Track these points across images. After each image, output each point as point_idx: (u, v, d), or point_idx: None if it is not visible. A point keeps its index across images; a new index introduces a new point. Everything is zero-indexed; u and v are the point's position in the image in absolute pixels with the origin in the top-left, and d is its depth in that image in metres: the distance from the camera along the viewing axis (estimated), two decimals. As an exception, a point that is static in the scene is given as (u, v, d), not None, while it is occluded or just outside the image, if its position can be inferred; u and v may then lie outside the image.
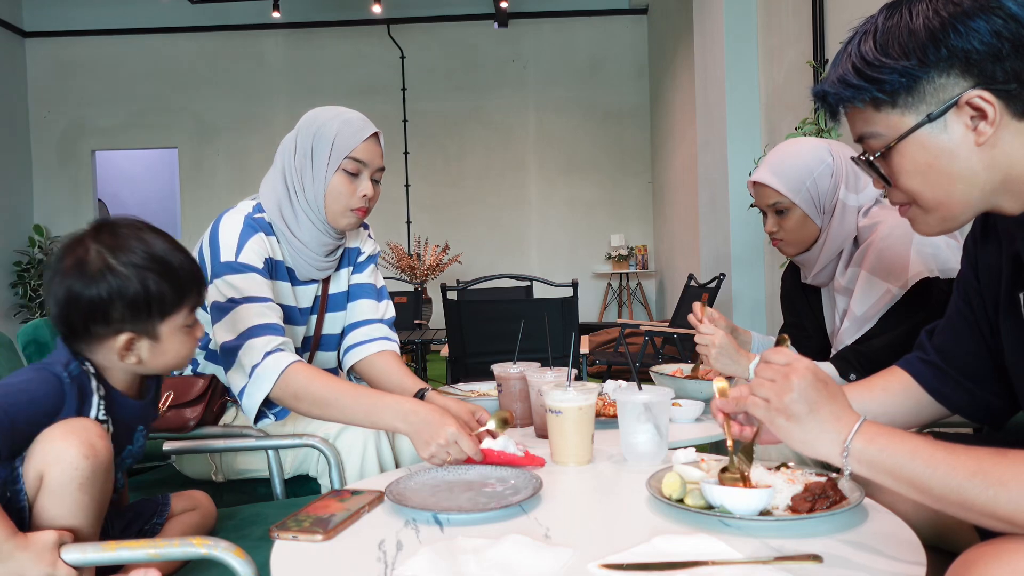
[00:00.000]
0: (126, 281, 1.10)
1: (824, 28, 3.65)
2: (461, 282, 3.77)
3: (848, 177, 1.77)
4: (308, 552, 1.02)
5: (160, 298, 1.13)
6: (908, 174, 0.98)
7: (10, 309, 7.88)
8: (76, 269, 1.10)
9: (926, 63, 0.92)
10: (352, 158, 1.63)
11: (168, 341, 1.16)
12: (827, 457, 0.94)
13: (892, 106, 0.95)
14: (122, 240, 1.12)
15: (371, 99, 8.07)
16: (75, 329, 1.12)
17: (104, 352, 1.13)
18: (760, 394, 0.99)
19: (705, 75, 5.13)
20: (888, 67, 0.93)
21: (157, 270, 1.13)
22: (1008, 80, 0.90)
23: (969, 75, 0.91)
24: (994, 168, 0.94)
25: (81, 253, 1.11)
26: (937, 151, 0.95)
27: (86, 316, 1.10)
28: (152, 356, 1.16)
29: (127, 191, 9.94)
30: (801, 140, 1.85)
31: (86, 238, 1.12)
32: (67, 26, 8.23)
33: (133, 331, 1.13)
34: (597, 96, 8.40)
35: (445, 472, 1.29)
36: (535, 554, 0.94)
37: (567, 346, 1.66)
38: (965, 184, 0.95)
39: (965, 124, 0.93)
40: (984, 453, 0.84)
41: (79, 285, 1.09)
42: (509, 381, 1.69)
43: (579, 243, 8.46)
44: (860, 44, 0.96)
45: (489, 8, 8.20)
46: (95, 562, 0.99)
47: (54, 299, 1.11)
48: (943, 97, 0.93)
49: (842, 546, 0.96)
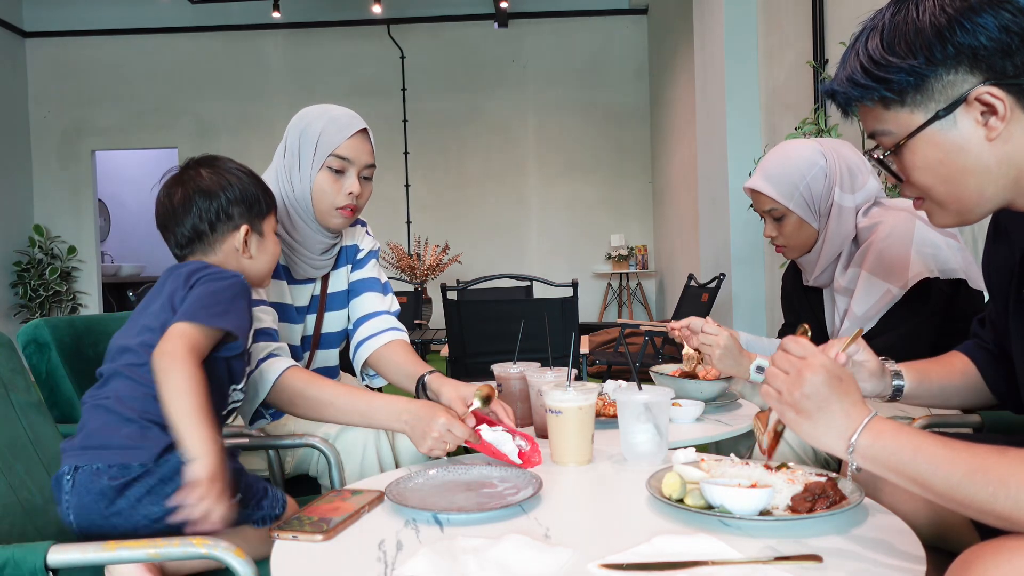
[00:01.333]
0: (238, 184, 1.39)
1: (824, 28, 3.65)
2: (461, 282, 3.77)
3: (843, 178, 1.77)
4: (308, 552, 1.02)
5: (260, 198, 1.41)
6: (920, 170, 0.98)
7: (10, 309, 7.88)
8: (198, 189, 1.36)
9: (933, 61, 0.91)
10: (336, 155, 1.63)
11: (268, 239, 1.43)
12: (833, 451, 0.95)
13: (901, 104, 0.95)
14: (220, 162, 1.41)
15: (371, 99, 8.07)
16: (203, 235, 1.36)
17: (225, 251, 1.38)
18: (774, 385, 1.00)
19: (705, 75, 5.13)
20: (895, 66, 0.93)
21: (252, 179, 1.42)
22: (1019, 74, 0.89)
23: (978, 71, 0.91)
24: (1007, 163, 0.93)
25: (195, 178, 1.37)
26: (948, 147, 0.94)
27: (215, 218, 1.36)
28: (259, 252, 1.42)
29: (127, 191, 9.94)
30: (794, 143, 1.85)
31: (189, 169, 1.39)
32: (67, 26, 8.23)
33: (248, 224, 1.39)
34: (597, 96, 8.40)
35: (445, 472, 1.29)
36: (535, 554, 0.94)
37: (567, 346, 1.66)
38: (978, 179, 0.95)
39: (975, 120, 0.92)
40: (985, 451, 0.84)
41: (203, 198, 1.36)
42: (509, 381, 1.69)
43: (579, 243, 8.46)
44: (867, 42, 0.96)
45: (489, 8, 8.20)
46: (95, 562, 0.99)
47: (184, 217, 1.35)
48: (952, 94, 0.92)
49: (842, 546, 0.96)
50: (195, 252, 1.38)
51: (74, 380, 1.85)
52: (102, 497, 1.14)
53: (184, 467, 1.09)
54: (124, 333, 1.30)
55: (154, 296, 1.31)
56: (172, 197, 1.37)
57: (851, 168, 1.78)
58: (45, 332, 1.82)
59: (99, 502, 1.14)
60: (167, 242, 1.40)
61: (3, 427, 1.35)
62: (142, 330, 1.26)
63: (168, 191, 1.38)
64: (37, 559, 0.96)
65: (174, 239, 1.38)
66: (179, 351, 1.16)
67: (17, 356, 1.47)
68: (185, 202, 1.36)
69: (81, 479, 1.15)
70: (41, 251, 8.03)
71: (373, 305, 1.81)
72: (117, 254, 9.76)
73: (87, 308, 8.19)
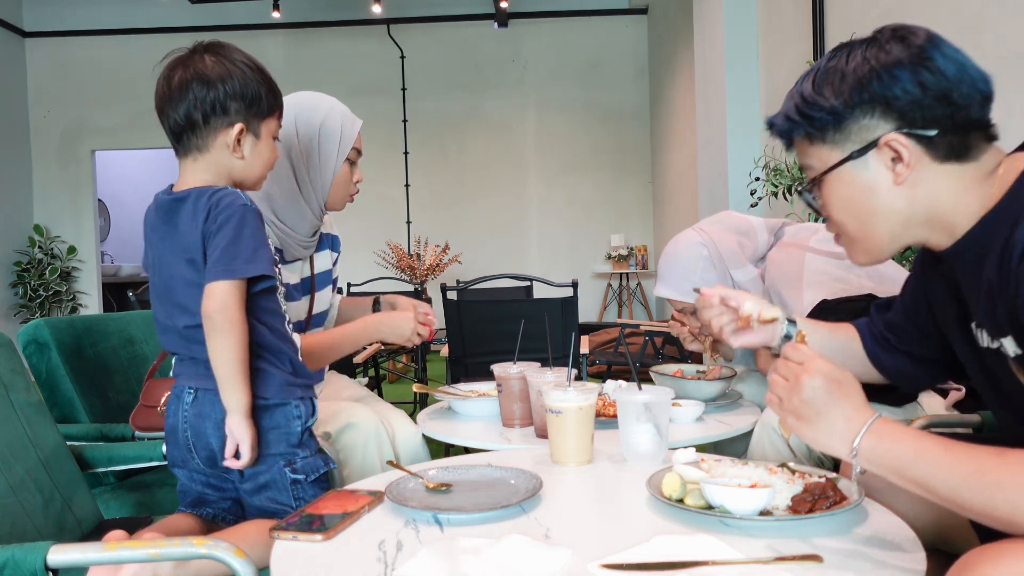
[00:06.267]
0: (240, 78, 1.33)
1: (824, 28, 3.65)
2: (461, 282, 3.77)
3: (732, 257, 1.84)
4: (308, 552, 1.02)
5: (262, 97, 1.36)
6: (834, 206, 1.06)
7: (10, 309, 7.87)
8: (197, 74, 1.31)
9: (851, 104, 0.99)
10: (356, 148, 1.82)
11: (264, 143, 1.38)
12: (838, 455, 0.97)
13: (823, 141, 1.03)
14: (228, 51, 1.35)
15: (371, 99, 8.07)
16: (196, 125, 1.31)
17: (216, 147, 1.33)
18: (775, 392, 1.02)
19: (705, 75, 5.13)
20: (819, 106, 1.01)
21: (258, 76, 1.36)
22: (928, 126, 0.96)
23: (891, 119, 0.98)
24: (916, 205, 1.00)
25: (198, 62, 1.32)
26: (859, 186, 1.02)
27: (211, 108, 1.31)
28: (252, 155, 1.36)
29: (127, 191, 9.93)
30: (675, 241, 1.96)
31: (195, 53, 1.34)
32: (67, 26, 8.23)
33: (244, 123, 1.33)
34: (597, 96, 8.39)
35: (445, 473, 1.29)
36: (535, 554, 0.94)
37: (567, 346, 1.67)
38: (885, 219, 1.02)
39: (885, 164, 1.00)
40: (984, 453, 0.84)
41: (201, 85, 1.30)
42: (509, 381, 1.69)
43: (579, 243, 8.46)
44: (804, 82, 1.05)
45: (489, 8, 8.20)
46: (94, 562, 0.99)
47: (179, 102, 1.31)
48: (866, 137, 1.00)
49: (842, 546, 0.96)
50: (187, 142, 1.34)
51: (74, 380, 1.85)
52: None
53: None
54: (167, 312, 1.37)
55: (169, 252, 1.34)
56: (171, 79, 1.33)
57: (737, 244, 1.85)
58: (45, 332, 1.82)
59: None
60: (163, 126, 1.35)
61: (3, 427, 1.35)
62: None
63: (169, 73, 1.34)
64: (37, 559, 0.97)
65: (168, 124, 1.34)
66: (228, 308, 1.25)
67: (17, 356, 1.47)
68: (182, 87, 1.31)
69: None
70: (41, 251, 8.02)
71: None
72: (117, 254, 9.76)
73: (87, 308, 8.18)
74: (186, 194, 1.32)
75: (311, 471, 1.36)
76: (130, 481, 1.89)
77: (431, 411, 1.92)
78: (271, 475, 1.34)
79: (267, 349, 1.34)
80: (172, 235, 1.32)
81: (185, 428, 1.34)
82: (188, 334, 1.32)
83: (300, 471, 1.35)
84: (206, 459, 1.35)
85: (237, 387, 1.27)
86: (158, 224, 1.35)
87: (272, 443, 1.34)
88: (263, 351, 1.33)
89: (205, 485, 1.40)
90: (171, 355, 1.43)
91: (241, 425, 1.28)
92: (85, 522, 1.45)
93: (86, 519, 1.46)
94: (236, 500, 1.42)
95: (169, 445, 1.39)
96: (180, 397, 1.35)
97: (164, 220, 1.34)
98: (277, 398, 1.34)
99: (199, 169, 1.35)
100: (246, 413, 1.28)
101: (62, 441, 1.49)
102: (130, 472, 1.90)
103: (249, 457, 1.30)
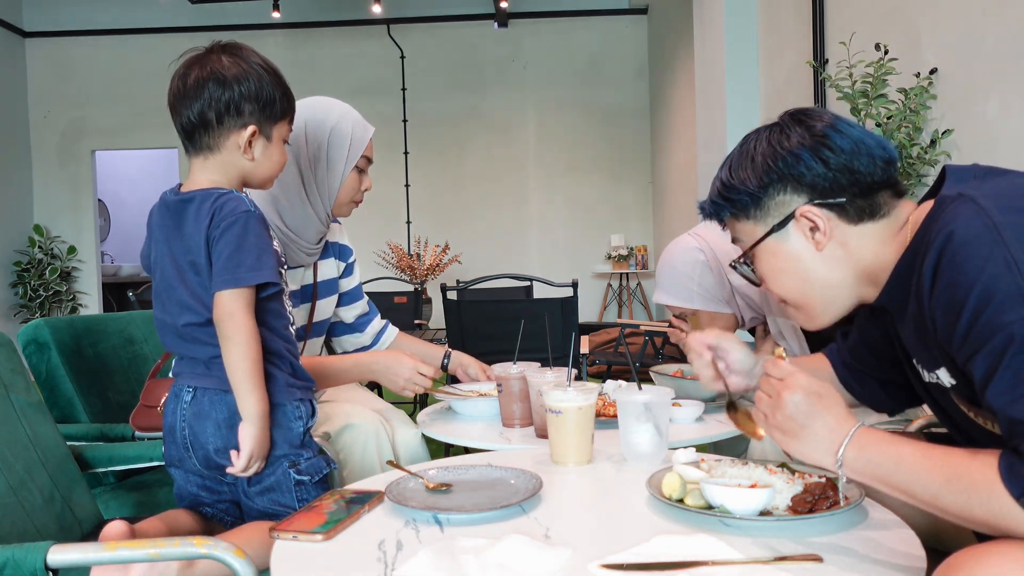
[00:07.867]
0: (257, 81, 1.34)
1: (824, 28, 3.65)
2: (461, 282, 3.77)
3: (728, 260, 1.84)
4: (308, 552, 1.02)
5: (276, 100, 1.37)
6: (768, 277, 1.16)
7: (10, 309, 7.87)
8: (214, 74, 1.31)
9: (764, 184, 1.10)
10: (366, 156, 1.80)
11: (275, 146, 1.39)
12: (825, 466, 0.99)
13: (747, 218, 1.14)
14: (244, 52, 1.36)
15: (371, 99, 8.06)
16: (208, 125, 1.32)
17: (227, 147, 1.34)
18: (760, 408, 1.04)
19: (705, 75, 5.13)
20: (736, 189, 1.13)
21: (274, 79, 1.37)
22: (836, 195, 1.06)
23: (802, 192, 1.08)
24: (843, 267, 1.09)
25: (215, 62, 1.33)
26: (785, 256, 1.12)
27: (225, 109, 1.32)
28: (262, 157, 1.37)
29: (127, 191, 9.94)
30: (672, 247, 1.96)
31: (212, 52, 1.34)
32: (67, 26, 8.22)
33: (257, 125, 1.34)
34: (597, 96, 8.39)
35: (445, 473, 1.29)
36: (535, 554, 0.94)
37: (567, 346, 1.67)
38: (818, 284, 1.11)
39: (804, 234, 1.09)
40: (958, 457, 0.86)
41: (217, 85, 1.31)
42: (509, 381, 1.69)
43: (579, 243, 8.45)
44: (722, 170, 1.17)
45: (489, 8, 8.19)
46: (94, 561, 0.99)
47: (194, 101, 1.31)
48: (783, 211, 1.10)
49: (842, 546, 0.96)
50: (199, 141, 1.35)
51: (74, 380, 1.85)
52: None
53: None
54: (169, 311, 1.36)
55: (171, 254, 1.34)
56: (186, 78, 1.33)
57: (733, 247, 1.86)
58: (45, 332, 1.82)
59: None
60: (174, 124, 1.35)
61: (3, 427, 1.35)
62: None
63: (184, 71, 1.34)
64: (37, 559, 0.97)
65: (180, 122, 1.34)
66: (236, 316, 1.26)
67: (17, 356, 1.47)
68: (198, 85, 1.32)
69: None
70: (41, 251, 8.02)
71: (365, 308, 2.02)
72: (117, 254, 9.76)
73: (87, 308, 8.18)
74: (192, 196, 1.32)
75: (315, 472, 1.36)
76: (130, 481, 1.89)
77: (431, 411, 1.92)
78: (276, 477, 1.34)
79: (270, 352, 1.34)
80: (176, 235, 1.33)
81: (183, 427, 1.35)
82: (187, 333, 1.32)
83: (304, 472, 1.35)
84: (202, 459, 1.35)
85: (250, 393, 1.27)
86: (163, 223, 1.35)
87: (276, 444, 1.34)
88: (266, 353, 1.33)
89: (200, 487, 1.40)
90: (173, 354, 1.43)
91: (252, 434, 1.28)
92: (85, 522, 1.45)
93: (86, 519, 1.46)
94: (232, 502, 1.42)
95: (167, 444, 1.39)
96: (179, 396, 1.36)
97: (169, 220, 1.34)
98: (278, 398, 1.34)
99: (209, 168, 1.36)
100: (260, 421, 1.28)
101: (62, 441, 1.49)
102: (130, 472, 1.90)
103: (258, 467, 1.31)
